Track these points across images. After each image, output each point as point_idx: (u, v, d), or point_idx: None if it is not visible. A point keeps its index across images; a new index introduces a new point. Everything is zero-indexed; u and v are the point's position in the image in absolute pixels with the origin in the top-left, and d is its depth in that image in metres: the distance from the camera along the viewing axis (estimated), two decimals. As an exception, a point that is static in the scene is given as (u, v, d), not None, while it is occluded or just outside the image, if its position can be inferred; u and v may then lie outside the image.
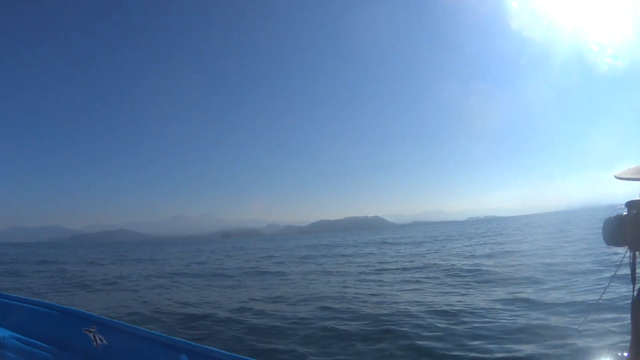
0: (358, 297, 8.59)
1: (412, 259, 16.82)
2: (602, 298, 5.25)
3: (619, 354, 4.08)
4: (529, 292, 7.69)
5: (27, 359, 2.03)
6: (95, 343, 2.08)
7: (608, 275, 7.87)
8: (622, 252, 1.65)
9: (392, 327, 5.96)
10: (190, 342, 2.02)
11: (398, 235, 53.00)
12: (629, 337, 1.63)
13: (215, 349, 1.98)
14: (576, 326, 5.03)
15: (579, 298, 6.85)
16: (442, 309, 6.90)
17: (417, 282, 10.49)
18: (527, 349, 4.71)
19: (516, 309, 6.55)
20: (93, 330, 2.11)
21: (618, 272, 1.80)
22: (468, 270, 11.50)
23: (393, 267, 14.35)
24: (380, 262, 16.63)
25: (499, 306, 6.85)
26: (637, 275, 1.60)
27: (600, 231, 1.68)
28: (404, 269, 13.64)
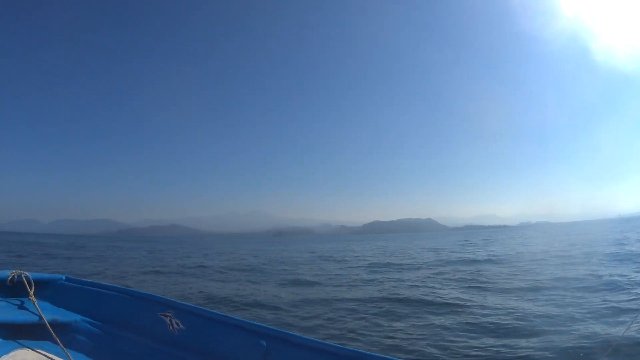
0: None
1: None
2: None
3: None
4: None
5: (99, 342, 2.08)
6: (171, 327, 2.06)
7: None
8: None
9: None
10: (270, 326, 1.94)
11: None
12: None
13: (295, 334, 1.88)
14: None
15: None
16: None
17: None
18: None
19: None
20: (170, 314, 2.09)
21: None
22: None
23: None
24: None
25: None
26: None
27: None
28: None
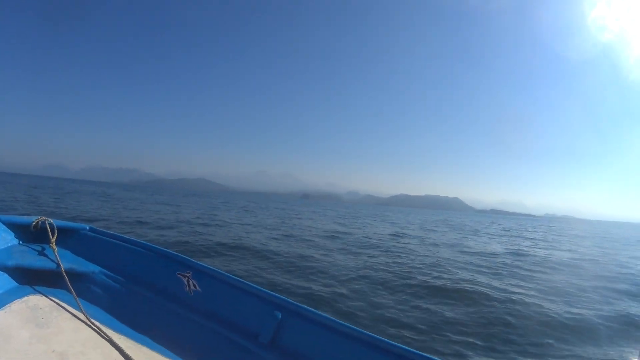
0: None
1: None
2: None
3: None
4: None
5: (113, 295, 2.04)
6: (187, 288, 2.01)
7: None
8: None
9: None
10: (287, 298, 1.86)
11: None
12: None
13: (312, 309, 1.79)
14: None
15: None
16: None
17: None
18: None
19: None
20: (188, 275, 2.03)
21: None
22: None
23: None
24: None
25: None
26: None
27: None
28: None
